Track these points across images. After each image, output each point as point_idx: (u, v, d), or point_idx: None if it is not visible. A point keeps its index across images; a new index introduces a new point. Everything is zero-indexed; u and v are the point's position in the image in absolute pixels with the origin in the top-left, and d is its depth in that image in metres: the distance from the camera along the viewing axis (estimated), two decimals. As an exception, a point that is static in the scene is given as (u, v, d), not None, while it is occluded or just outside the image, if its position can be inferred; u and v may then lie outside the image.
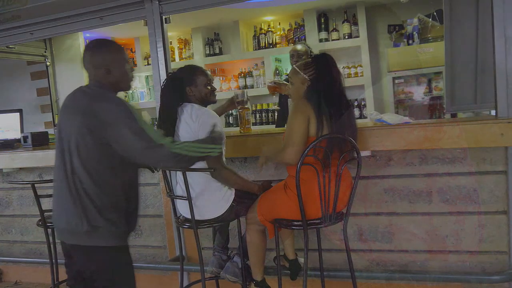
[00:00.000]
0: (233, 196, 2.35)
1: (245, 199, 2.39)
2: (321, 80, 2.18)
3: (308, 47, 3.79)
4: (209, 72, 2.47)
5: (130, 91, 5.60)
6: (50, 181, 2.83)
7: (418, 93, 4.61)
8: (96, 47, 1.93)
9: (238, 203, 2.36)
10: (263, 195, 2.37)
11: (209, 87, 2.41)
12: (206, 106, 2.41)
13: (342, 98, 2.21)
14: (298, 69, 2.25)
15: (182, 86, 2.34)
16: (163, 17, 3.06)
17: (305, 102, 2.17)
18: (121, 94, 2.00)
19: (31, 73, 5.46)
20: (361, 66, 4.93)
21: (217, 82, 5.47)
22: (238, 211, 2.38)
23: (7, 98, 5.55)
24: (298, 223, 2.17)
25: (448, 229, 2.59)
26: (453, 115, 3.46)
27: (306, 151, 2.04)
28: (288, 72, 2.56)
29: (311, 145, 2.04)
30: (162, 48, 3.01)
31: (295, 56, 3.65)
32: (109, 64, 1.89)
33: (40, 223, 2.62)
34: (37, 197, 2.55)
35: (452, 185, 2.56)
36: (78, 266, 1.88)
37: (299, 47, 3.73)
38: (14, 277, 3.77)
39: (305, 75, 2.22)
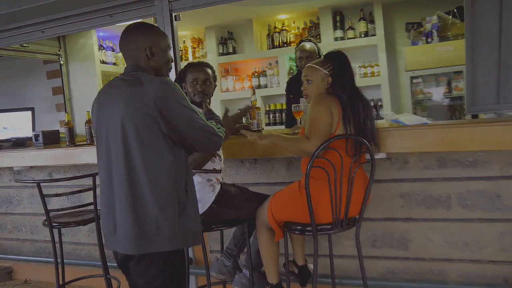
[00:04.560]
0: (213, 198, 2.25)
1: (234, 200, 2.31)
2: (343, 74, 2.13)
3: (315, 43, 3.35)
4: (206, 71, 2.37)
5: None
6: (57, 180, 2.82)
7: (437, 93, 4.49)
8: (140, 28, 1.80)
9: (220, 204, 2.27)
10: (276, 195, 2.27)
11: (194, 86, 2.32)
12: (197, 106, 2.33)
13: (363, 94, 2.16)
14: (317, 66, 2.18)
15: (179, 83, 2.33)
16: (173, 14, 3.03)
17: (328, 95, 2.11)
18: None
19: (47, 72, 5.49)
20: (377, 65, 4.82)
21: (230, 82, 5.41)
22: (222, 213, 2.28)
23: (24, 96, 5.61)
24: (308, 228, 2.08)
25: (468, 237, 2.47)
26: (474, 116, 3.34)
27: (318, 150, 1.95)
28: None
29: (324, 145, 1.95)
30: (172, 46, 2.94)
31: (303, 58, 3.22)
32: (153, 47, 1.76)
33: (46, 223, 2.58)
34: (43, 197, 2.51)
35: (472, 190, 2.44)
36: (136, 278, 1.75)
37: (307, 46, 3.25)
38: (24, 275, 3.78)
39: (325, 71, 2.15)
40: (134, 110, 1.64)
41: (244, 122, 2.93)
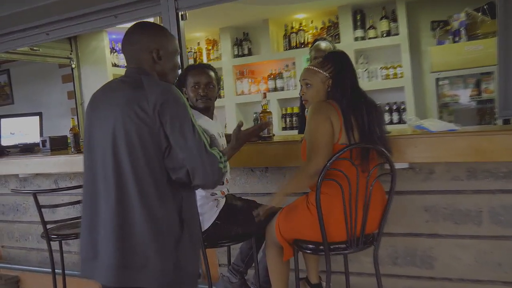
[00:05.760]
0: (216, 214, 2.09)
1: (240, 215, 2.13)
2: (344, 75, 1.94)
3: (330, 42, 3.14)
4: (208, 73, 2.20)
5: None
6: (53, 190, 2.69)
7: (465, 96, 4.22)
8: (147, 28, 1.63)
9: (225, 220, 2.10)
10: (284, 210, 2.10)
11: (196, 91, 2.15)
12: (201, 112, 2.17)
13: (367, 96, 1.97)
14: (316, 68, 2.00)
15: (180, 88, 2.15)
16: (179, 13, 2.91)
17: (325, 103, 1.93)
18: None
19: (62, 76, 5.47)
20: (400, 66, 4.58)
21: (245, 85, 5.25)
22: (227, 229, 2.11)
23: (40, 101, 5.61)
24: (321, 247, 1.89)
25: (502, 256, 2.24)
26: (506, 121, 3.08)
27: (329, 163, 1.76)
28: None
29: (335, 157, 1.75)
30: (179, 51, 2.81)
31: (319, 58, 3.10)
32: (161, 49, 1.57)
33: (43, 235, 2.47)
34: (39, 207, 2.41)
35: (506, 204, 2.21)
36: None
37: (323, 45, 3.03)
38: (31, 285, 3.70)
39: (325, 73, 1.96)
40: (131, 116, 1.44)
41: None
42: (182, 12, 2.90)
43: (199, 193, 2.05)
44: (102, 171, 1.50)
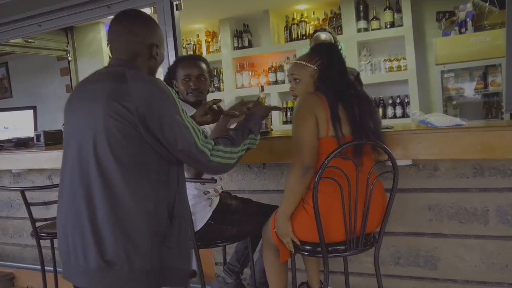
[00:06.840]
0: (210, 214, 2.00)
1: (235, 215, 2.05)
2: (331, 66, 1.86)
3: (331, 33, 3.05)
4: (200, 65, 2.11)
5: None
6: (40, 187, 2.61)
7: (471, 89, 4.10)
8: (147, 20, 1.53)
9: (218, 221, 2.01)
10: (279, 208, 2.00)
11: (187, 84, 2.06)
12: (192, 106, 2.07)
13: (358, 88, 1.90)
14: (304, 62, 1.91)
15: (169, 80, 2.08)
16: (174, 3, 2.81)
17: (311, 96, 1.84)
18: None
19: (60, 69, 5.39)
20: (405, 58, 4.49)
21: (245, 77, 5.15)
22: (221, 230, 2.03)
23: (40, 94, 5.56)
24: (318, 248, 1.80)
25: (509, 257, 2.15)
26: (514, 116, 2.99)
27: (327, 161, 1.66)
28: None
29: (333, 154, 1.66)
30: (172, 38, 2.73)
31: None
32: (159, 45, 1.52)
33: (33, 233, 2.40)
34: (28, 205, 2.33)
35: (514, 203, 2.12)
36: None
37: (322, 36, 2.94)
38: (26, 282, 3.64)
39: (313, 66, 1.88)
40: (111, 113, 1.34)
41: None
42: (176, 2, 2.82)
43: (191, 191, 1.97)
44: (80, 168, 1.40)
